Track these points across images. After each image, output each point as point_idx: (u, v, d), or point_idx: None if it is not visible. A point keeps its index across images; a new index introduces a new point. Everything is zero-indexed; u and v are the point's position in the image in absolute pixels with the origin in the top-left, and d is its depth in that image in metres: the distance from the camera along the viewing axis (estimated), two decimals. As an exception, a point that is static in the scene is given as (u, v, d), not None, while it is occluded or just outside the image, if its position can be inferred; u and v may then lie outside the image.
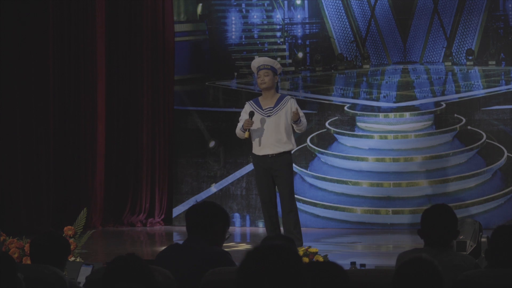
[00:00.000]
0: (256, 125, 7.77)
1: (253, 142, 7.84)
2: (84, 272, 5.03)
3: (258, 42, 11.38)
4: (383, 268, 5.77)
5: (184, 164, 11.32)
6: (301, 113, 7.78)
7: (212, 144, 11.29)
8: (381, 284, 3.47)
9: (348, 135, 10.96)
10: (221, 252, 4.35)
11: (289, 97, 7.91)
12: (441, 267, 3.13)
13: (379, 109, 10.95)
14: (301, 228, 7.89)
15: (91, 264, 5.33)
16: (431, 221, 4.31)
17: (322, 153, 10.95)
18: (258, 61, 7.90)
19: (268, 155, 7.71)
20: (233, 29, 11.38)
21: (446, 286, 3.18)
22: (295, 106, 7.76)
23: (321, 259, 6.31)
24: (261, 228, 10.62)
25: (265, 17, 11.38)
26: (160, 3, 11.25)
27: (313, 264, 2.94)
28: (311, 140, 10.95)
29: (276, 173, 7.71)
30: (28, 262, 5.97)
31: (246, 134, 7.73)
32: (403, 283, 3.06)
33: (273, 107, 7.76)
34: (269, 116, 7.75)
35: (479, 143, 10.60)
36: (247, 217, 11.03)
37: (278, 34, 11.34)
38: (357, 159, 10.86)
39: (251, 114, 7.75)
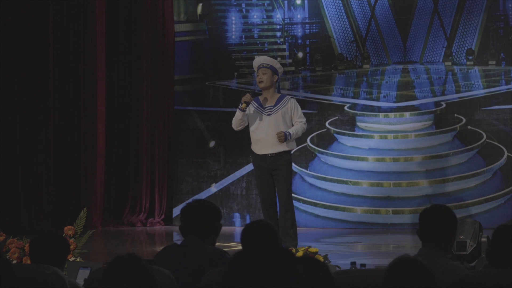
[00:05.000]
0: (256, 123, 7.77)
1: (252, 141, 7.84)
2: (82, 275, 5.03)
3: (258, 42, 11.38)
4: (383, 268, 5.77)
5: (184, 164, 11.32)
6: (299, 114, 7.79)
7: (212, 144, 11.29)
8: (381, 284, 3.47)
9: (348, 135, 10.96)
10: (220, 252, 4.34)
11: (289, 97, 7.92)
12: (433, 268, 3.13)
13: (379, 109, 10.95)
14: (302, 228, 7.90)
15: (89, 266, 5.32)
16: (430, 222, 4.29)
17: (322, 153, 10.95)
18: (258, 60, 7.92)
19: (268, 154, 7.71)
20: (233, 29, 11.38)
21: (440, 286, 3.19)
22: (296, 109, 7.76)
23: (321, 259, 6.31)
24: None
25: (265, 17, 11.38)
26: (160, 3, 11.25)
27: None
28: (311, 140, 10.95)
29: (276, 172, 7.71)
30: (28, 262, 5.97)
31: (243, 106, 7.69)
32: (393, 284, 3.06)
33: (273, 106, 7.78)
34: (269, 114, 7.76)
35: (479, 143, 10.60)
36: (247, 217, 11.03)
37: (278, 34, 11.34)
38: (357, 159, 10.86)
39: (253, 93, 7.78)
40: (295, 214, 7.80)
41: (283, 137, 7.59)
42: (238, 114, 7.77)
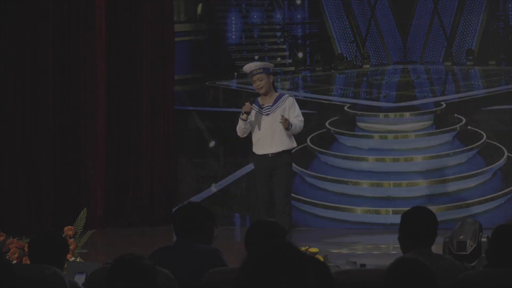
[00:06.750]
0: (255, 123, 7.77)
1: (253, 141, 7.85)
2: (79, 281, 5.01)
3: (258, 42, 11.38)
4: (383, 268, 5.77)
5: (184, 164, 11.32)
6: (297, 112, 7.77)
7: (212, 144, 11.29)
8: (381, 284, 3.47)
9: (348, 135, 10.95)
10: (212, 251, 4.34)
11: (288, 95, 7.90)
12: (434, 267, 3.13)
13: (379, 109, 10.95)
14: (302, 228, 7.89)
15: (85, 271, 5.32)
16: (415, 223, 4.26)
17: (322, 153, 10.95)
18: (249, 67, 7.90)
19: (268, 154, 7.71)
20: (233, 29, 11.38)
21: (440, 285, 3.19)
22: (293, 107, 7.75)
23: (321, 259, 6.31)
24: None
25: (265, 17, 11.37)
26: (160, 3, 11.25)
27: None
28: (311, 140, 10.95)
29: (274, 172, 7.69)
30: (28, 262, 5.97)
31: (244, 117, 7.69)
32: (395, 283, 3.07)
33: (272, 105, 7.77)
34: (267, 114, 7.76)
35: (479, 143, 10.60)
36: (247, 217, 11.03)
37: (278, 34, 11.34)
38: (357, 159, 10.85)
39: (252, 101, 7.78)
40: (292, 216, 7.77)
41: (287, 122, 7.56)
42: (241, 123, 7.76)
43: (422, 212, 4.33)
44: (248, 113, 7.71)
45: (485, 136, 10.59)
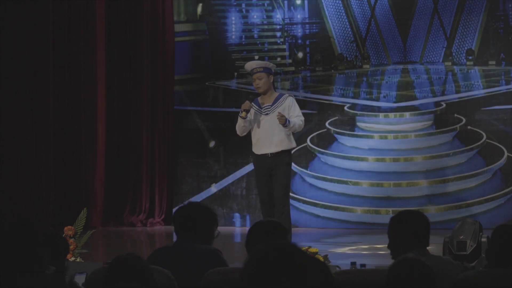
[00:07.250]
0: (255, 123, 7.76)
1: (252, 141, 7.84)
2: (79, 281, 5.01)
3: (258, 42, 11.38)
4: (383, 268, 5.77)
5: (184, 164, 11.32)
6: (297, 111, 7.76)
7: (212, 144, 11.29)
8: (381, 284, 3.47)
9: (348, 135, 10.96)
10: (212, 251, 4.34)
11: (287, 95, 7.88)
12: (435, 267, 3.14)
13: (379, 109, 10.95)
14: (302, 228, 7.88)
15: (84, 272, 5.33)
16: (407, 227, 4.21)
17: (322, 153, 10.95)
18: (250, 65, 7.88)
19: (268, 154, 7.70)
20: (233, 29, 11.38)
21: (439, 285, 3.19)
22: (293, 107, 7.74)
23: (321, 259, 6.31)
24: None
25: (265, 17, 11.38)
26: (160, 3, 11.25)
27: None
28: (311, 140, 10.95)
29: (273, 172, 7.68)
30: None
31: (244, 114, 7.67)
32: (396, 283, 3.07)
33: (271, 105, 7.76)
34: (267, 114, 7.74)
35: (479, 143, 10.60)
36: (247, 217, 11.03)
37: (278, 34, 11.34)
38: (357, 159, 10.85)
39: (251, 99, 7.77)
40: (290, 216, 7.76)
41: (284, 118, 7.54)
42: (240, 121, 7.75)
43: (415, 214, 4.30)
44: (247, 111, 7.70)
45: (485, 136, 10.59)
